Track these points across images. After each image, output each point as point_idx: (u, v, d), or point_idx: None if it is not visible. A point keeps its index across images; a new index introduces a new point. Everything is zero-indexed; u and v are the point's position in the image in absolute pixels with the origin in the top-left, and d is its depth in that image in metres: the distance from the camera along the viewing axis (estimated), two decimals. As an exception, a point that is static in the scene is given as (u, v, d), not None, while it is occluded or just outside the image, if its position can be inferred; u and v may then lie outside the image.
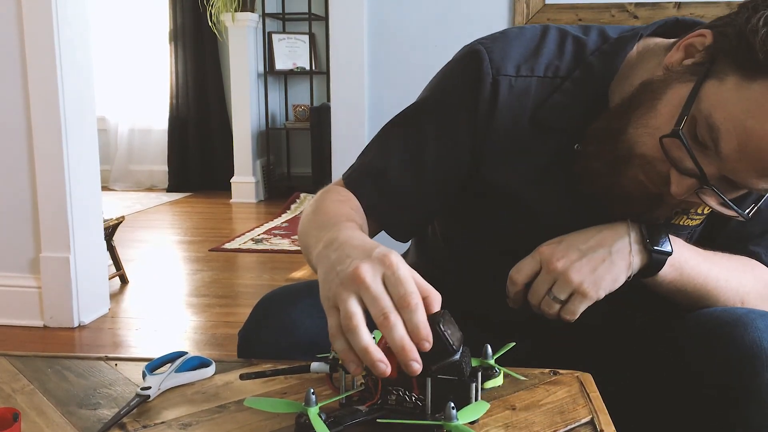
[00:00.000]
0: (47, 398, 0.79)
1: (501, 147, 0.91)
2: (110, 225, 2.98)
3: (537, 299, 0.86)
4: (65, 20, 2.45)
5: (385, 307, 0.64)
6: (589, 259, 0.83)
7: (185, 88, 5.80)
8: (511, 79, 0.89)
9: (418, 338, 0.63)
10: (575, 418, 0.72)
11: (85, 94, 2.58)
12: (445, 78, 0.95)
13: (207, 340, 2.50)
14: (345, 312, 0.64)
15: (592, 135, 0.85)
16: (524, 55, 0.90)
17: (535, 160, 0.91)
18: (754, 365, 0.76)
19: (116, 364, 0.88)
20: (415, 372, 0.64)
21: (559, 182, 0.90)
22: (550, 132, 0.90)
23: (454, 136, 0.92)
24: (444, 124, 0.93)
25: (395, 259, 0.67)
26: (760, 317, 0.79)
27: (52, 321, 2.55)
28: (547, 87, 0.89)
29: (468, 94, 0.90)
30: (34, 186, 2.50)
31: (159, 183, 6.02)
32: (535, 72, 0.90)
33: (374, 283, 0.65)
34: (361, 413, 0.70)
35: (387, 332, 0.63)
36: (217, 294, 3.03)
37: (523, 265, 0.87)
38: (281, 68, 5.43)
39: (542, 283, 0.85)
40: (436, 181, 0.94)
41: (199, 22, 5.56)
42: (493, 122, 0.90)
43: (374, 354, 0.63)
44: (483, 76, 0.89)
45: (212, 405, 0.77)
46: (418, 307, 0.64)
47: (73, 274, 2.53)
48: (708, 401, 0.79)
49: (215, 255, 3.72)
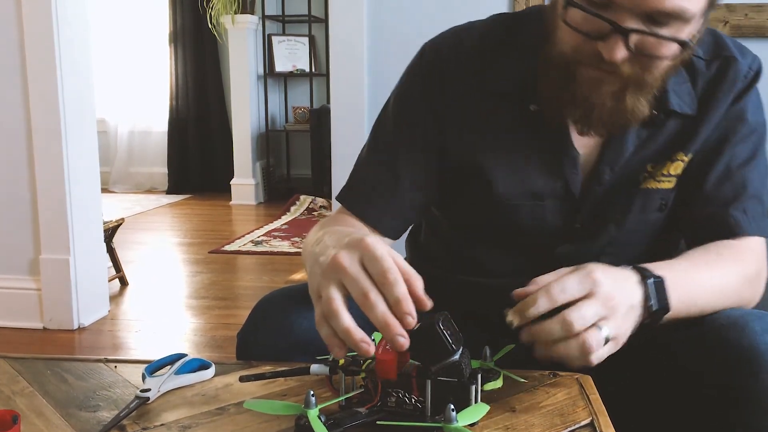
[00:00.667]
0: (47, 400, 0.79)
1: (462, 123, 0.97)
2: (110, 227, 2.98)
3: (582, 325, 0.72)
4: (65, 21, 2.45)
5: (364, 287, 0.66)
6: (627, 312, 0.78)
7: (185, 90, 5.80)
8: (453, 60, 0.97)
9: (401, 313, 0.65)
10: (575, 420, 0.72)
11: (85, 96, 2.58)
12: (402, 77, 1.03)
13: (207, 342, 2.49)
14: (326, 298, 0.68)
15: (540, 78, 0.90)
16: (458, 35, 1.00)
17: (495, 129, 0.96)
18: (752, 367, 0.76)
19: (116, 366, 0.88)
20: (402, 347, 0.65)
21: (519, 146, 0.95)
22: (505, 98, 0.94)
23: (419, 125, 0.98)
24: (407, 117, 0.99)
25: (371, 240, 0.69)
26: (757, 319, 0.80)
27: (52, 323, 2.55)
28: (490, 59, 0.96)
29: (420, 82, 0.99)
30: (34, 188, 2.50)
31: (159, 185, 6.02)
32: (473, 44, 0.97)
33: (352, 266, 0.68)
34: (360, 415, 0.70)
35: (369, 311, 0.65)
36: (217, 296, 3.03)
37: (570, 283, 0.75)
38: (281, 70, 5.44)
39: (593, 313, 0.73)
40: (412, 172, 0.98)
41: (199, 24, 5.57)
42: (449, 100, 0.97)
43: (355, 334, 0.65)
44: (429, 63, 0.98)
45: (212, 407, 0.77)
46: (398, 281, 0.66)
47: (73, 276, 2.53)
48: (707, 403, 0.80)
49: (215, 257, 3.72)
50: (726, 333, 0.80)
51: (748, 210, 0.94)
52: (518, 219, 0.97)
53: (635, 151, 0.94)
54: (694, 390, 0.81)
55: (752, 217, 0.94)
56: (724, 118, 0.95)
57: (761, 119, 0.98)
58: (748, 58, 0.96)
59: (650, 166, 0.95)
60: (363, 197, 0.99)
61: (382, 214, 0.98)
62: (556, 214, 0.97)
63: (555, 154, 0.94)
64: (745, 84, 0.95)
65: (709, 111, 0.94)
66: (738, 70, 0.95)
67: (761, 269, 0.94)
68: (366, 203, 0.99)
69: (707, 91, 0.94)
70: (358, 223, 0.97)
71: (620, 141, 0.93)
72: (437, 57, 0.99)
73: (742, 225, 0.93)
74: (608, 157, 0.94)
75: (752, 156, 0.96)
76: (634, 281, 0.79)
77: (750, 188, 0.94)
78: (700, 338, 0.82)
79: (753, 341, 0.77)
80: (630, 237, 0.98)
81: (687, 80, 0.94)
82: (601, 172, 0.94)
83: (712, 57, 0.95)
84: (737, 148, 0.95)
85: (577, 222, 0.97)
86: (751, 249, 0.93)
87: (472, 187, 0.98)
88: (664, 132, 0.94)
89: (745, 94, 0.95)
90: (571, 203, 0.96)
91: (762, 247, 0.94)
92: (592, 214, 0.96)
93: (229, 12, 4.97)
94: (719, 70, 0.95)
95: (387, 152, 1.00)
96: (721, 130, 0.95)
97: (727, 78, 0.94)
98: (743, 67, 0.95)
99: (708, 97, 0.94)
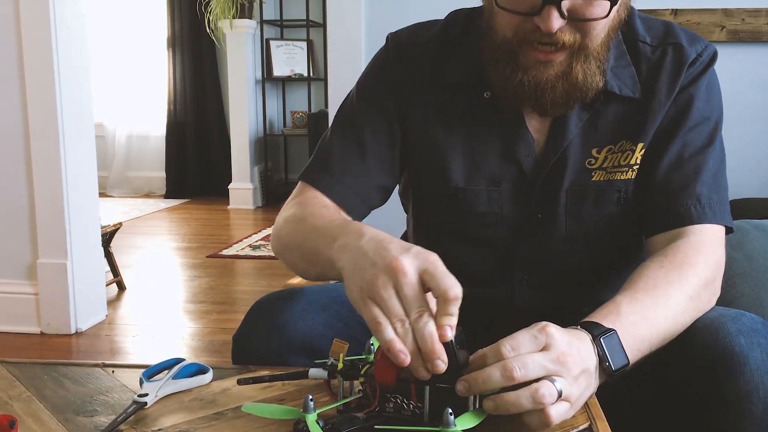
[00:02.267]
0: (44, 405, 0.79)
1: (421, 111, 1.00)
2: (108, 231, 2.98)
3: (527, 375, 0.65)
4: (63, 25, 2.45)
5: (421, 306, 0.66)
6: (585, 380, 0.71)
7: (183, 95, 5.80)
8: (412, 48, 1.01)
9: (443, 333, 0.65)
10: (573, 425, 0.71)
11: (82, 100, 2.58)
12: (367, 66, 1.07)
13: (204, 346, 2.49)
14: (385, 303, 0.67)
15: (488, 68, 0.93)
16: (420, 28, 1.04)
17: (452, 118, 0.99)
18: (727, 369, 0.76)
19: (113, 370, 0.88)
20: (439, 370, 0.65)
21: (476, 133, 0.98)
22: (462, 88, 0.98)
23: (383, 108, 1.01)
24: (372, 100, 1.02)
25: (436, 257, 0.69)
26: (732, 320, 0.80)
27: (49, 327, 2.55)
28: (448, 50, 0.99)
29: (384, 69, 1.03)
30: (32, 192, 2.49)
31: (157, 189, 6.02)
32: (433, 38, 1.01)
33: (413, 275, 0.67)
34: (358, 420, 0.70)
35: (419, 326, 0.65)
36: (215, 300, 3.03)
37: (522, 340, 0.68)
38: (279, 75, 5.44)
39: (542, 367, 0.66)
40: (377, 152, 1.00)
41: (197, 29, 5.57)
42: (410, 88, 1.00)
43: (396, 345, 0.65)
44: (390, 53, 1.03)
45: (210, 412, 0.77)
46: (458, 299, 0.66)
47: (71, 280, 2.52)
48: (687, 406, 0.80)
49: (213, 261, 3.72)
50: (702, 336, 0.80)
51: (702, 198, 0.92)
52: (476, 207, 0.99)
53: (580, 134, 0.95)
54: (678, 394, 0.82)
55: (707, 205, 0.92)
56: (673, 105, 0.95)
57: (716, 107, 0.97)
58: (698, 46, 0.96)
59: (595, 150, 0.96)
60: (329, 174, 0.99)
61: (348, 191, 0.99)
62: (513, 201, 0.98)
63: (511, 139, 0.97)
64: (696, 71, 0.95)
65: (652, 97, 0.94)
66: (684, 56, 0.95)
67: (717, 265, 0.89)
68: (332, 179, 0.98)
69: (651, 76, 0.95)
70: (328, 202, 0.97)
71: (563, 124, 0.95)
72: (399, 45, 1.03)
73: (693, 214, 0.91)
74: (553, 141, 0.96)
75: (707, 143, 0.94)
76: (588, 341, 0.73)
77: (704, 176, 0.93)
78: (679, 342, 0.82)
79: (728, 343, 0.77)
80: (590, 231, 0.98)
81: (630, 64, 0.95)
82: (549, 156, 0.96)
83: (659, 43, 0.96)
84: (689, 136, 0.94)
85: (534, 212, 0.98)
86: (703, 243, 0.89)
87: (432, 176, 1.01)
88: (607, 116, 0.95)
89: (696, 81, 0.95)
90: (526, 188, 0.98)
91: (718, 235, 0.92)
92: (546, 203, 0.98)
93: (227, 16, 4.97)
94: (663, 55, 0.95)
95: (352, 133, 1.01)
96: (671, 118, 0.95)
97: (672, 64, 0.95)
98: (690, 53, 0.95)
99: (652, 82, 0.95)
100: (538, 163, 0.97)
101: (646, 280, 0.84)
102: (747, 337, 0.77)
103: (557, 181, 0.97)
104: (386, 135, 1.01)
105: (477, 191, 0.98)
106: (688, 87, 0.95)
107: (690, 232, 0.91)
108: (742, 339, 0.77)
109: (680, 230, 0.91)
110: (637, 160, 0.95)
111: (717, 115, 0.97)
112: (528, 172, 0.97)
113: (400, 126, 1.01)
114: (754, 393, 0.75)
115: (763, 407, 0.76)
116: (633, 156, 0.95)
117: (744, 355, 0.76)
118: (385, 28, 2.40)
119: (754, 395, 0.75)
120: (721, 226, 0.93)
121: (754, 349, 0.76)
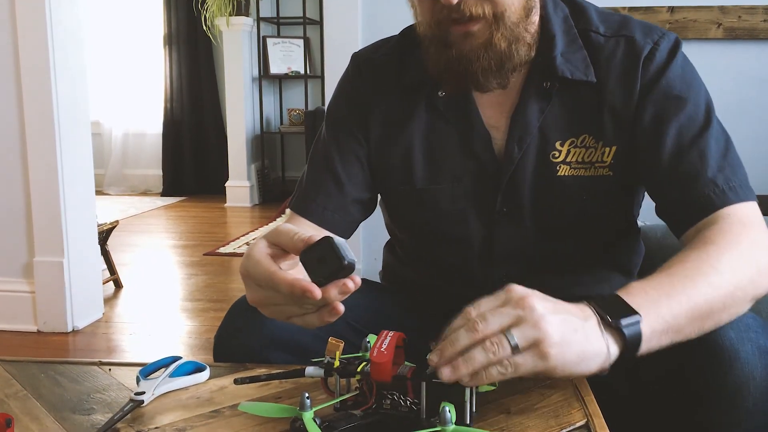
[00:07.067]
0: (41, 403, 0.79)
1: (384, 118, 1.03)
2: (104, 229, 2.98)
3: (485, 332, 0.66)
4: (59, 24, 2.45)
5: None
6: (564, 320, 0.68)
7: (180, 92, 5.79)
8: (371, 62, 1.07)
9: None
10: (570, 422, 0.72)
11: (79, 98, 2.58)
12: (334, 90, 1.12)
13: (201, 344, 2.49)
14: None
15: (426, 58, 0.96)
16: (378, 44, 1.10)
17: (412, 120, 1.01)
18: (718, 364, 0.76)
19: (110, 369, 0.88)
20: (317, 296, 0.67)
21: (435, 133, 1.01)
22: (419, 90, 1.01)
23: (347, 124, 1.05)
24: (337, 119, 1.07)
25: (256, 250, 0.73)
26: None
27: (46, 326, 2.54)
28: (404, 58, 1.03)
29: (346, 87, 1.09)
30: (28, 190, 2.49)
31: (153, 187, 6.01)
32: (391, 48, 1.06)
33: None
34: (355, 417, 0.70)
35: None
36: (212, 298, 3.03)
37: (485, 300, 0.70)
38: (276, 72, 5.43)
39: (501, 316, 0.67)
40: (347, 169, 1.04)
41: (193, 27, 5.56)
42: (372, 100, 1.04)
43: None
44: (352, 69, 1.09)
45: (206, 410, 0.77)
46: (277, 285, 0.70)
47: (67, 278, 2.52)
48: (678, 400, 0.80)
49: (210, 259, 3.71)
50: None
51: (718, 181, 0.88)
52: (441, 204, 1.00)
53: (541, 126, 0.95)
54: (671, 389, 0.82)
55: (725, 187, 0.87)
56: (650, 104, 0.93)
57: (697, 89, 0.94)
58: (652, 37, 0.95)
59: (558, 143, 0.96)
60: (305, 198, 1.05)
61: (324, 209, 1.02)
62: (476, 197, 0.99)
63: (467, 135, 0.98)
64: (661, 62, 0.94)
65: (603, 87, 0.94)
66: (637, 49, 0.94)
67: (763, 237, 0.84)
68: (309, 202, 1.04)
69: (602, 67, 0.95)
70: (304, 221, 1.02)
71: (522, 115, 0.95)
72: (359, 60, 1.09)
73: (715, 200, 0.87)
74: (515, 132, 0.96)
75: (703, 126, 0.91)
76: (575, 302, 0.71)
77: (711, 159, 0.89)
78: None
79: (718, 337, 0.77)
80: (562, 225, 0.98)
81: (582, 48, 0.96)
82: (511, 149, 0.96)
83: (612, 34, 0.96)
84: (680, 124, 0.91)
85: (500, 206, 0.98)
86: (740, 222, 0.85)
87: (398, 181, 1.03)
88: (563, 104, 0.95)
89: (665, 71, 0.93)
90: (487, 183, 0.98)
91: (753, 211, 0.87)
92: (510, 196, 0.98)
93: (223, 14, 4.97)
94: (615, 47, 0.95)
95: (323, 156, 1.06)
96: (653, 116, 0.93)
97: (624, 56, 0.94)
98: (644, 46, 0.94)
99: (603, 73, 0.95)
100: (498, 156, 0.97)
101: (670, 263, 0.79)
102: (738, 332, 0.78)
103: (519, 174, 0.97)
104: (354, 151, 1.04)
105: (440, 189, 1.00)
106: (659, 80, 0.93)
107: (719, 217, 0.85)
108: (733, 334, 0.77)
109: (707, 219, 0.86)
110: (609, 160, 0.95)
111: (703, 97, 0.94)
112: (487, 165, 0.98)
113: (365, 138, 1.04)
114: (745, 388, 0.76)
115: (754, 402, 0.76)
116: (597, 154, 0.95)
117: (735, 349, 0.76)
118: (381, 24, 2.40)
119: (745, 390, 0.76)
120: (752, 202, 0.88)
121: (745, 344, 0.77)
